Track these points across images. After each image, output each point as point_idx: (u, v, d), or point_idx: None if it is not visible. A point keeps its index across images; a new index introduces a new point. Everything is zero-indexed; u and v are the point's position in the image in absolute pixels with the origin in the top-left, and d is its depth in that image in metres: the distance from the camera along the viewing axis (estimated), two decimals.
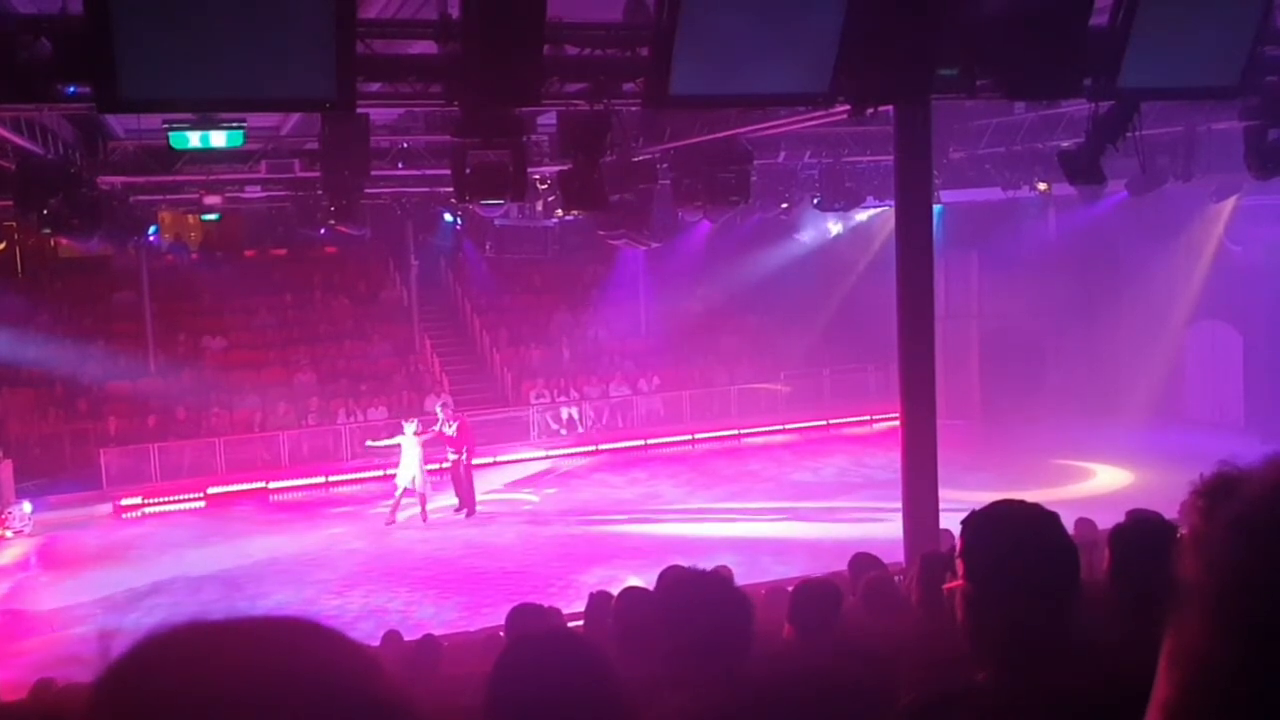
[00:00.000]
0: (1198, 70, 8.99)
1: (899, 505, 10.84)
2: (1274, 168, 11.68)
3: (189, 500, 21.42)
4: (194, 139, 9.76)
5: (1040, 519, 2.17)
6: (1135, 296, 23.77)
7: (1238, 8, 8.64)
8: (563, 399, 25.81)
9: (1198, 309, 23.42)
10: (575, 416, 25.46)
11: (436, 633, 9.56)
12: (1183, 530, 2.24)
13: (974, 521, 2.23)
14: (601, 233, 16.49)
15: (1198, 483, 2.32)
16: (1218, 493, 2.24)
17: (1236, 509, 0.82)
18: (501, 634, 7.16)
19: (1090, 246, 23.72)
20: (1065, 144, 13.73)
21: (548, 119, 13.65)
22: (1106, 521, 5.18)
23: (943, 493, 10.61)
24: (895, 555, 9.77)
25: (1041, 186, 18.88)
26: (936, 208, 14.78)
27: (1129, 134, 10.57)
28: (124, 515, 20.73)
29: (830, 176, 18.85)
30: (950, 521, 10.30)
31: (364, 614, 14.59)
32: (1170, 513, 2.94)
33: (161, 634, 0.90)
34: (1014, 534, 2.16)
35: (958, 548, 2.25)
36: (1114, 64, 8.54)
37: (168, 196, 18.74)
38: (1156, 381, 23.94)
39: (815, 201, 20.13)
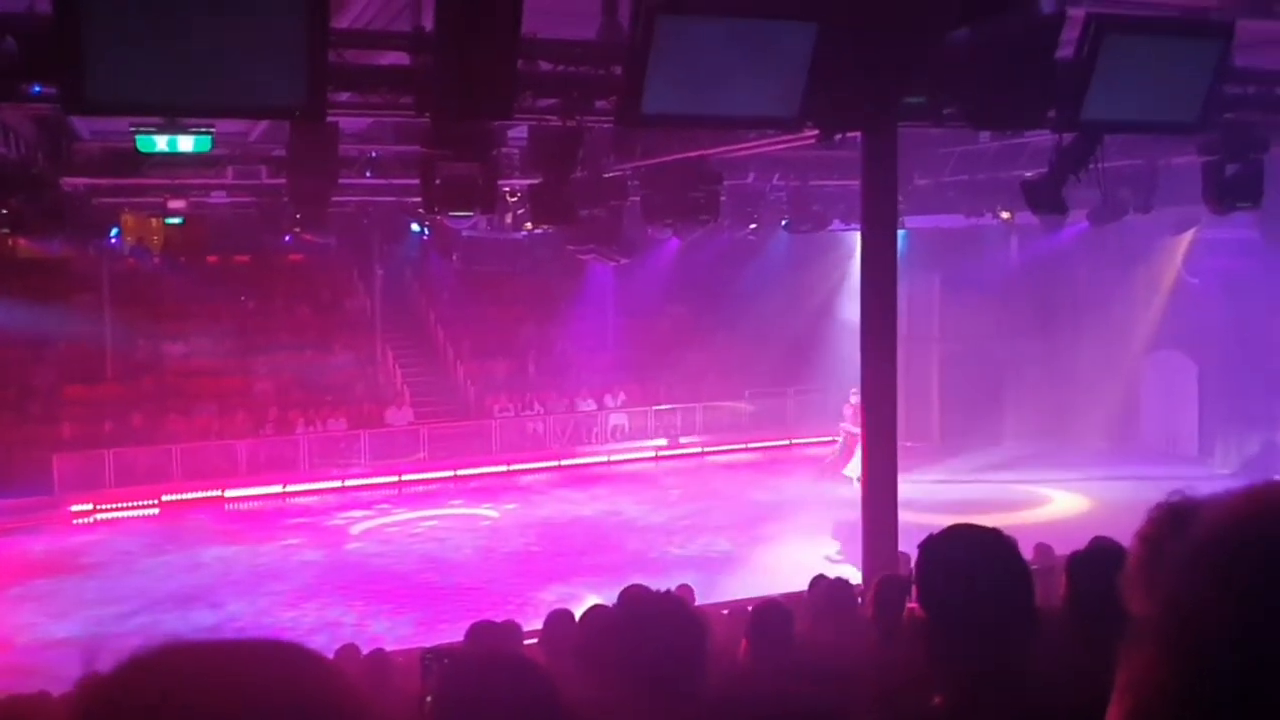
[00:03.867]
0: (1159, 105, 9.15)
1: (859, 526, 10.90)
2: (1231, 202, 11.88)
3: (143, 507, 21.14)
4: (161, 143, 9.68)
5: (996, 544, 2.19)
6: (1094, 325, 24.10)
7: (1198, 46, 8.81)
8: (527, 413, 25.75)
9: (1155, 339, 23.78)
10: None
11: (390, 648, 9.47)
12: (1131, 560, 2.28)
13: (931, 545, 2.25)
14: (570, 247, 16.49)
15: (1150, 513, 2.37)
16: (1169, 524, 2.29)
17: (1189, 544, 0.84)
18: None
19: (1051, 275, 24.04)
20: (1028, 173, 13.89)
21: (519, 132, 13.65)
22: (1063, 547, 5.23)
23: (901, 515, 10.68)
24: (854, 577, 9.81)
25: (1004, 215, 19.10)
26: (901, 233, 14.93)
27: (1091, 165, 10.72)
28: (75, 521, 20.42)
29: (798, 199, 18.99)
30: (908, 544, 10.36)
31: (318, 627, 14.45)
32: (1127, 540, 2.98)
33: (144, 656, 0.90)
34: (970, 559, 2.18)
35: (914, 572, 2.27)
36: (1078, 97, 8.68)
37: (131, 199, 18.54)
38: (1113, 409, 24.27)
39: (783, 223, 20.26)
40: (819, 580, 7.39)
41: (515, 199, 17.18)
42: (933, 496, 18.66)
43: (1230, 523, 0.82)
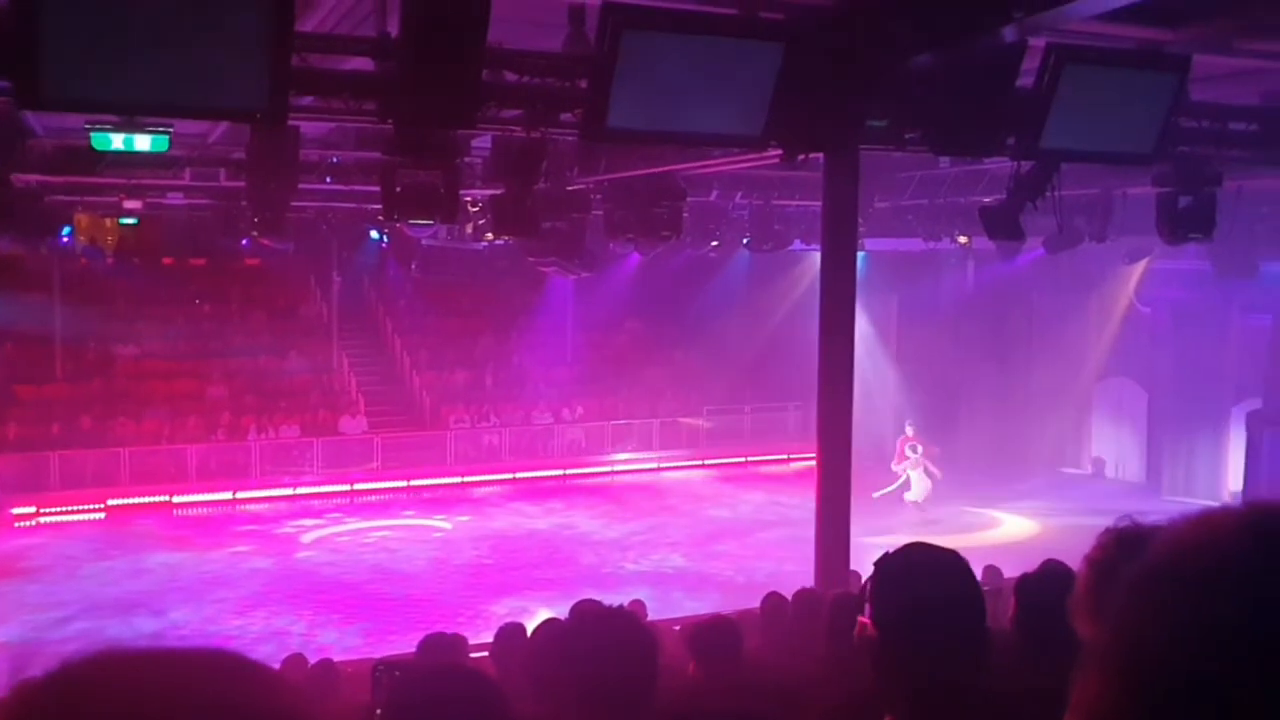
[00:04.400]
0: (1115, 137, 9.31)
1: (812, 545, 10.93)
2: (1183, 234, 12.10)
3: (88, 511, 20.77)
4: (117, 141, 9.52)
5: (953, 564, 2.20)
6: (1047, 351, 24.40)
7: (1155, 80, 8.97)
8: (483, 424, 25.63)
9: (1106, 366, 24.11)
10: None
11: (339, 658, 9.37)
12: (1079, 584, 2.30)
13: (886, 562, 2.25)
14: (531, 259, 16.46)
15: (1098, 538, 2.39)
16: (1116, 550, 2.31)
17: (1138, 570, 0.84)
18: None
19: (1006, 300, 24.33)
20: (986, 200, 14.07)
21: (482, 141, 13.62)
22: (1011, 570, 5.28)
23: (854, 535, 10.73)
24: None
25: (962, 239, 19.31)
26: (860, 254, 15.06)
27: (1048, 193, 10.89)
28: (17, 524, 20.01)
29: (760, 218, 19.09)
30: (859, 562, 10.41)
31: (265, 636, 14.26)
32: (1075, 563, 3.01)
33: (78, 663, 0.87)
34: (925, 578, 2.18)
35: (868, 588, 2.27)
36: (1037, 126, 8.81)
37: (85, 198, 18.26)
38: (1064, 434, 24.58)
39: (745, 241, 20.36)
40: (770, 597, 7.39)
41: (476, 209, 17.13)
42: (884, 517, 18.77)
43: (1177, 549, 0.83)
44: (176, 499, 21.65)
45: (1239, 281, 18.11)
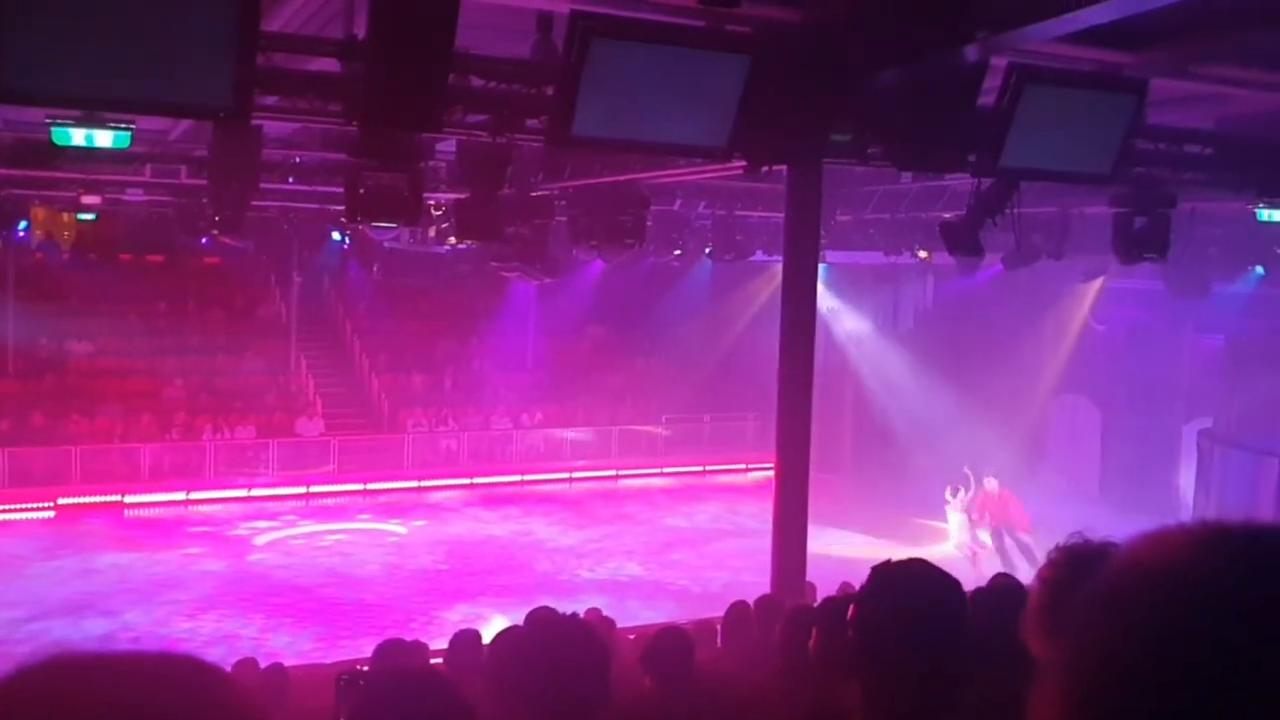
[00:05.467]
0: (1074, 157, 9.45)
1: (769, 555, 10.97)
2: (1139, 254, 12.29)
3: (37, 510, 20.44)
4: (78, 137, 9.38)
5: (952, 590, 2.20)
6: (1004, 366, 24.64)
7: (1113, 101, 9.12)
8: (441, 429, 25.50)
9: (1061, 382, 24.40)
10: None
11: (290, 663, 9.28)
12: (1032, 601, 2.33)
13: (886, 572, 2.26)
14: (494, 264, 16.43)
15: (1048, 556, 2.42)
16: (1065, 565, 2.34)
17: (1095, 588, 0.85)
18: (361, 668, 6.99)
19: (964, 315, 24.56)
20: (947, 215, 14.22)
21: (447, 145, 13.58)
22: (964, 583, 5.32)
23: (809, 545, 10.79)
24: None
25: (922, 254, 19.50)
26: (821, 266, 15.14)
27: (1007, 210, 11.03)
28: None
29: (723, 228, 19.17)
30: (815, 573, 10.47)
31: (216, 639, 14.10)
32: (1025, 577, 3.05)
33: (28, 667, 0.86)
34: (923, 598, 2.18)
35: (860, 591, 2.27)
36: (997, 144, 8.92)
37: (43, 192, 18.00)
38: (1019, 449, 24.82)
39: (707, 251, 20.43)
40: (735, 606, 7.41)
41: (440, 213, 17.07)
42: (842, 528, 18.89)
43: (1136, 568, 0.84)
44: (128, 499, 21.36)
45: (1192, 302, 18.42)
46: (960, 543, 18.60)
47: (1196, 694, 0.76)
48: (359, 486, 23.18)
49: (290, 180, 15.91)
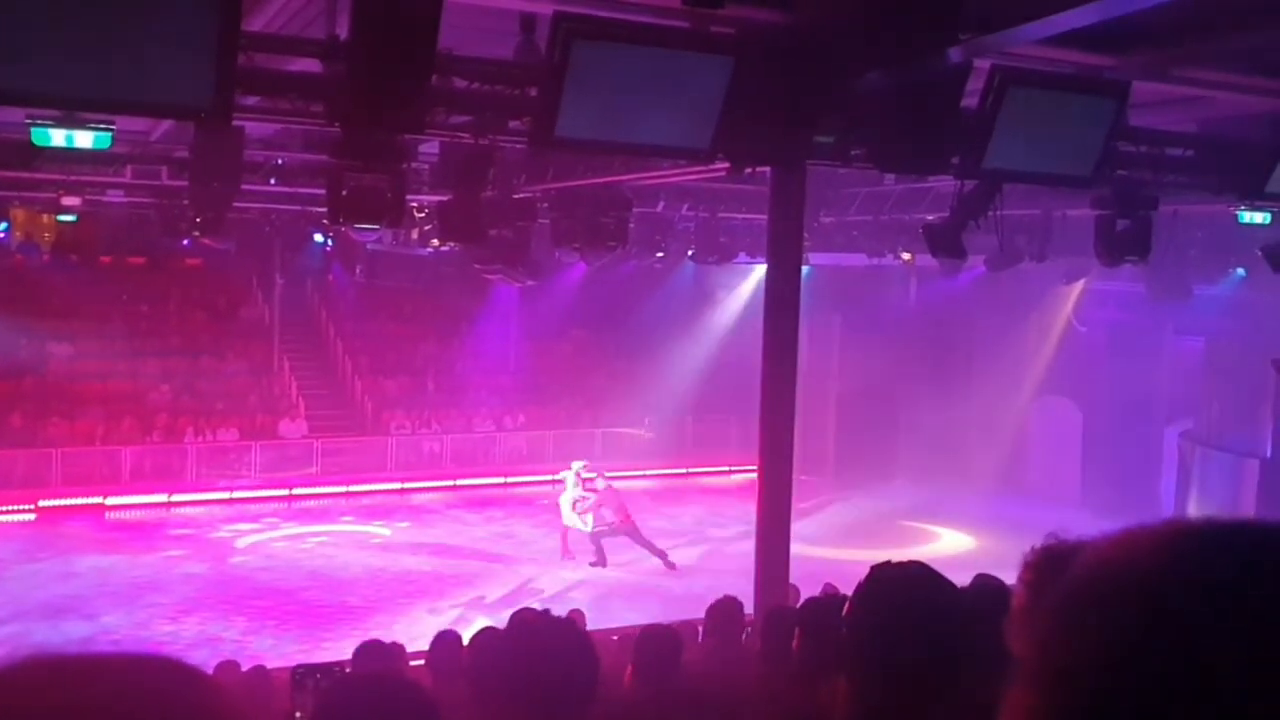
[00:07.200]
0: (1056, 159, 9.50)
1: (752, 557, 10.98)
2: (1120, 256, 12.36)
3: (17, 512, 20.30)
4: (58, 138, 9.31)
5: (952, 596, 2.20)
6: (986, 368, 24.77)
7: (1095, 104, 9.17)
8: (424, 431, 25.43)
9: (1043, 384, 24.52)
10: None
11: (273, 665, 9.24)
12: (1015, 602, 2.33)
13: (885, 573, 2.25)
14: (477, 266, 16.39)
15: (1027, 555, 2.42)
16: (1045, 567, 2.35)
17: (1063, 587, 0.84)
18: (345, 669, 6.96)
19: (947, 317, 24.66)
20: (930, 217, 14.27)
21: (430, 147, 13.55)
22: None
23: (793, 547, 10.80)
24: (745, 607, 9.87)
25: (905, 256, 19.55)
26: (804, 269, 15.17)
27: (990, 213, 11.08)
28: None
29: (706, 230, 19.19)
30: (798, 575, 10.49)
31: (199, 641, 14.03)
32: (1010, 578, 3.06)
33: (6, 669, 0.85)
34: (922, 603, 2.17)
35: (857, 590, 2.26)
36: (980, 146, 8.96)
37: (22, 193, 17.87)
38: (1001, 451, 24.92)
39: (690, 253, 20.44)
40: (713, 608, 7.41)
41: (423, 214, 17.03)
42: (824, 529, 18.93)
43: (1098, 568, 0.83)
44: (109, 501, 21.23)
45: (1173, 304, 18.54)
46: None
47: (1149, 696, 0.75)
48: (341, 489, 23.11)
49: (272, 181, 15.84)
